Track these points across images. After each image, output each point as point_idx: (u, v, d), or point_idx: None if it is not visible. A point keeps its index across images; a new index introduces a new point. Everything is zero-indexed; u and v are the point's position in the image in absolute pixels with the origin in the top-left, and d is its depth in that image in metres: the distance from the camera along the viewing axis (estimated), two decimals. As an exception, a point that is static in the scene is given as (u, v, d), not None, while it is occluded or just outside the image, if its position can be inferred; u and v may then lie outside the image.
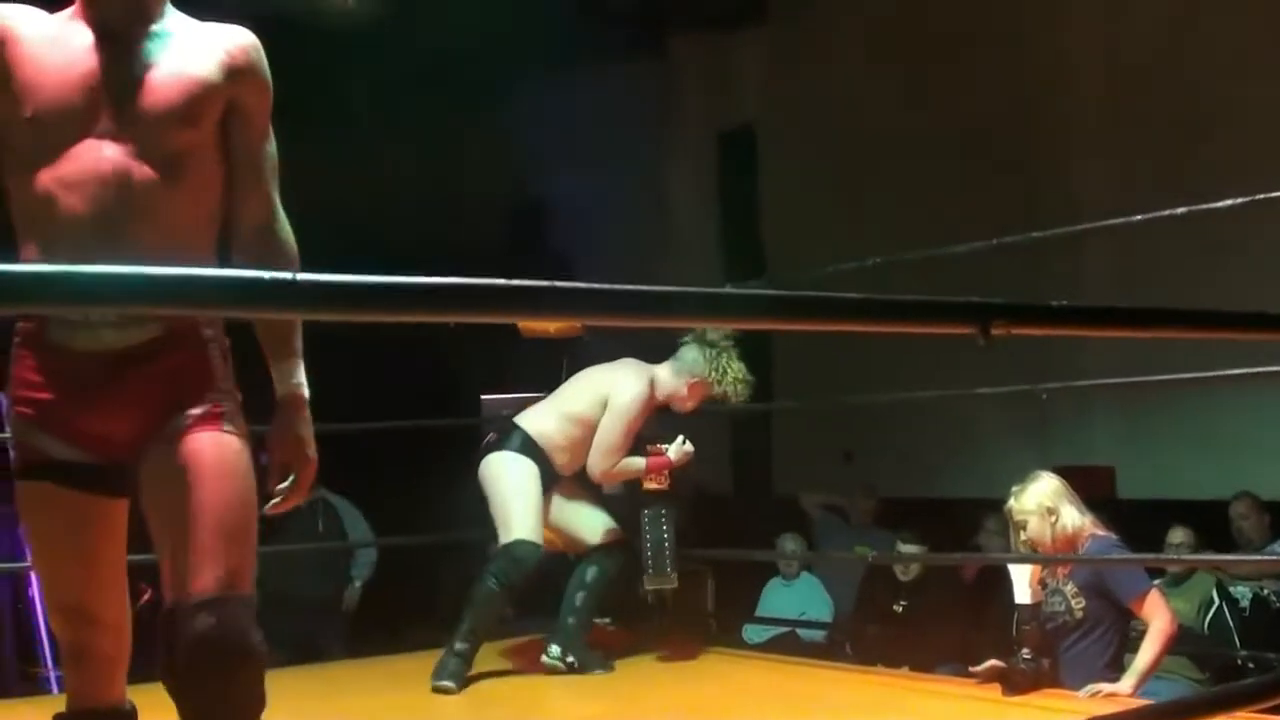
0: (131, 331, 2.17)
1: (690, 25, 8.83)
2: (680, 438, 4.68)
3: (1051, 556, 4.14)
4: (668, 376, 4.62)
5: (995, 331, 1.54)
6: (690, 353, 4.60)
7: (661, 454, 4.63)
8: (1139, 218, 4.15)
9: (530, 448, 4.50)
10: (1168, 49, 6.59)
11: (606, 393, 4.54)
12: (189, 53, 2.21)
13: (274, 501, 2.25)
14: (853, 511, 7.22)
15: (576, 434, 4.54)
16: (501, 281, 1.26)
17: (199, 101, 2.19)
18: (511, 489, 4.46)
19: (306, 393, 2.29)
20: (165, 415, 2.17)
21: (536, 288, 1.28)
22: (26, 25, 2.17)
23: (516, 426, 4.55)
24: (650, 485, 4.67)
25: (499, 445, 4.54)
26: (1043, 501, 4.16)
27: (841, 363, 7.07)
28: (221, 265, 2.27)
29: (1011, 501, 4.24)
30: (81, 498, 2.20)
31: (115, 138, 2.13)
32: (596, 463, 4.53)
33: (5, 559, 5.98)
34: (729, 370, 4.58)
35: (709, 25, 8.80)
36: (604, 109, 8.35)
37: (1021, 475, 4.30)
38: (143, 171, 2.13)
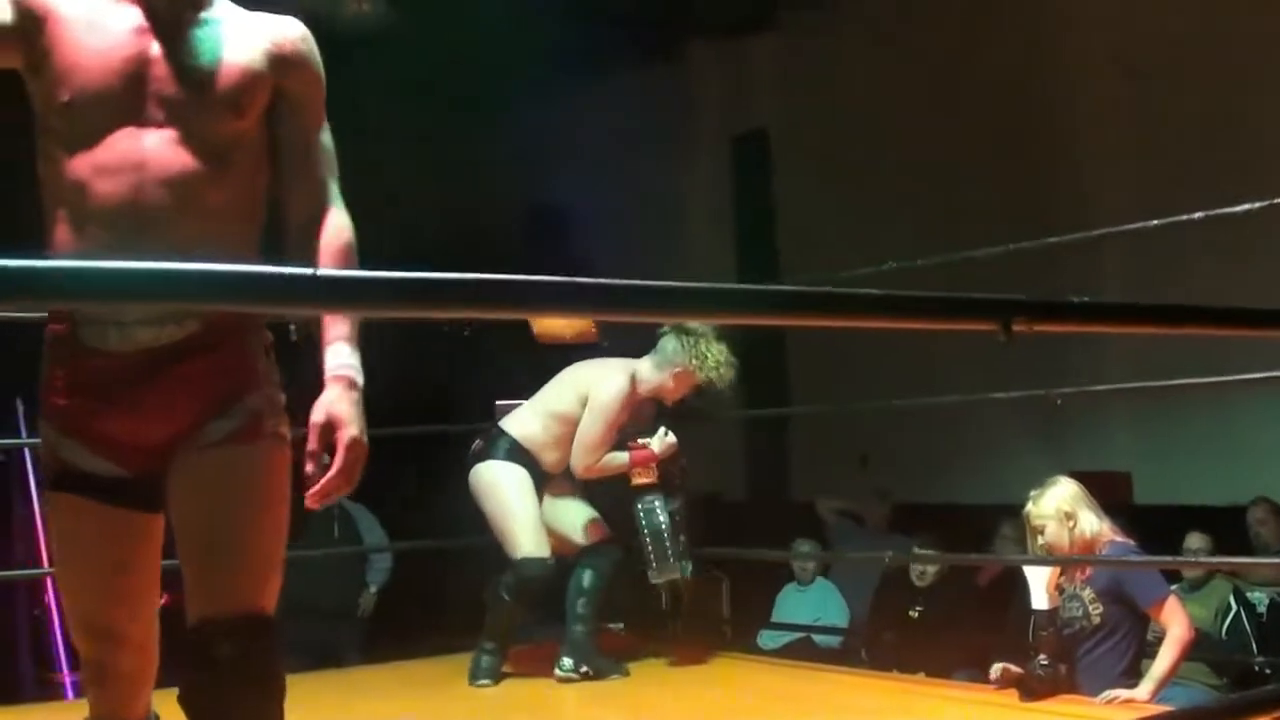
0: (167, 328, 2.05)
1: (704, 30, 8.83)
2: (662, 429, 4.64)
3: (1068, 558, 4.12)
4: (650, 370, 4.58)
5: (1017, 328, 1.52)
6: (669, 343, 4.56)
7: (644, 448, 4.61)
8: (1155, 222, 4.13)
9: (517, 452, 4.50)
10: (1184, 51, 6.57)
11: (586, 390, 4.52)
12: (236, 41, 2.13)
13: (310, 491, 2.05)
14: (868, 517, 7.20)
15: (562, 432, 4.53)
16: (521, 277, 1.26)
17: (245, 91, 2.11)
18: (509, 502, 4.45)
19: (356, 375, 2.09)
20: (201, 419, 2.08)
21: (557, 283, 1.27)
22: (67, 4, 2.07)
23: (503, 432, 4.54)
24: (639, 480, 4.62)
25: (486, 453, 4.52)
26: (1061, 506, 4.13)
27: (857, 368, 7.05)
28: (270, 256, 2.18)
29: (1030, 506, 4.21)
30: (112, 511, 2.10)
31: (156, 125, 2.05)
32: (578, 459, 4.51)
33: (20, 565, 6.01)
34: (709, 355, 4.52)
35: (723, 30, 8.80)
36: (619, 114, 8.36)
37: (1038, 480, 4.28)
38: (183, 161, 2.04)
